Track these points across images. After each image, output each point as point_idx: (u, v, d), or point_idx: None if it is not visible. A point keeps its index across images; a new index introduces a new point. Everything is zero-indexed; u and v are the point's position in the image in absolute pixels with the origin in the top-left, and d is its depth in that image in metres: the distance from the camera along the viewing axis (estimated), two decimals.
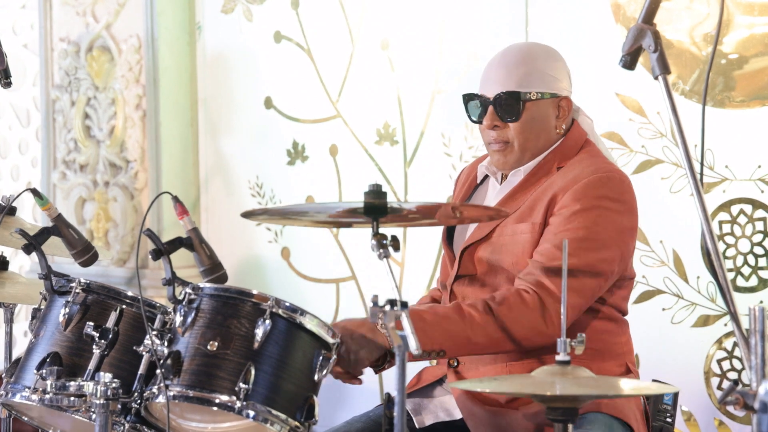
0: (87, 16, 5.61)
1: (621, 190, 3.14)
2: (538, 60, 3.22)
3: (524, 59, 3.21)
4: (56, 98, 5.72)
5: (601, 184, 3.12)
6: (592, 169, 3.15)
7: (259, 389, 2.80)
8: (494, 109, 3.19)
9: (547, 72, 3.21)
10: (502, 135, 3.20)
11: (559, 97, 3.21)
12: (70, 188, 5.70)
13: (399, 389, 2.43)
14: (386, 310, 2.48)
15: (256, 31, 5.26)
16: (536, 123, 3.20)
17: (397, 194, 4.86)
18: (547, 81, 3.20)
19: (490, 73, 3.23)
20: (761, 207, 4.01)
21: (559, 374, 2.59)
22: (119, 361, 3.00)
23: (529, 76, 3.19)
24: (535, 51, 3.26)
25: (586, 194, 3.10)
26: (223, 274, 3.08)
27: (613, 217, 3.11)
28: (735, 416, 4.06)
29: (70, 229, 3.30)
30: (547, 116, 3.21)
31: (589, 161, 3.19)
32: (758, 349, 2.23)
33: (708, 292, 4.10)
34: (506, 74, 3.19)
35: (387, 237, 2.66)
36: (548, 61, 3.23)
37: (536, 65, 3.20)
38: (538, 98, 3.19)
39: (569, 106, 3.24)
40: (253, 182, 5.29)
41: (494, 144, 3.22)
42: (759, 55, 3.97)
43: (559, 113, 3.22)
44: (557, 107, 3.22)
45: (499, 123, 3.20)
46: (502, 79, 3.19)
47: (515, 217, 3.17)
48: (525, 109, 3.18)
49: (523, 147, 3.20)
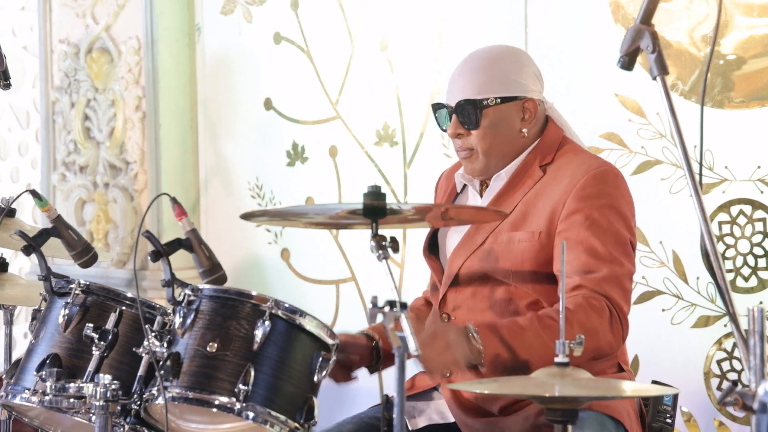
0: (86, 17, 5.61)
1: (618, 183, 3.15)
2: (500, 64, 3.20)
3: (485, 65, 3.19)
4: (56, 100, 5.72)
5: (601, 180, 3.12)
6: (584, 167, 3.14)
7: (258, 390, 2.81)
8: (456, 118, 3.19)
9: (509, 75, 3.18)
10: (466, 143, 3.20)
11: (523, 99, 3.19)
12: (69, 190, 5.70)
13: (398, 391, 2.43)
14: (385, 311, 2.48)
15: (255, 33, 5.26)
16: (498, 128, 3.18)
17: (396, 195, 4.86)
18: (508, 84, 3.18)
19: (453, 81, 3.23)
20: (761, 208, 4.01)
21: (559, 376, 2.59)
22: (119, 362, 3.01)
23: (489, 82, 3.17)
24: (498, 55, 3.23)
25: (591, 194, 3.09)
26: (222, 276, 3.08)
27: (621, 212, 3.11)
28: (735, 417, 4.06)
29: (70, 231, 3.30)
30: (510, 120, 3.19)
31: (578, 160, 3.18)
32: (757, 349, 2.23)
33: (708, 293, 4.10)
34: (467, 81, 3.19)
35: (386, 238, 2.67)
36: (511, 64, 3.20)
37: (498, 69, 3.18)
38: (497, 103, 3.17)
39: (535, 108, 3.21)
40: (253, 183, 5.29)
41: (461, 152, 3.22)
42: (758, 55, 3.97)
43: (524, 115, 3.20)
44: (522, 109, 3.20)
45: (461, 131, 3.19)
46: (463, 86, 3.19)
47: (509, 224, 3.15)
48: (483, 116, 3.16)
49: (487, 153, 3.19)
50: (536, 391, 2.55)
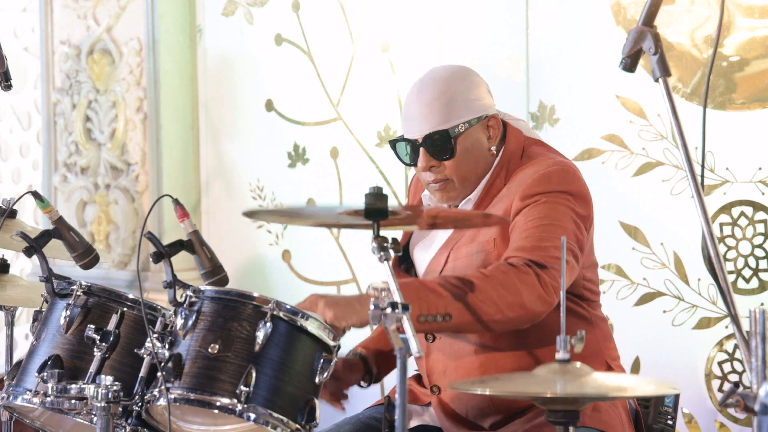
0: (88, 19, 5.61)
1: (567, 180, 3.08)
2: (454, 86, 3.12)
3: (442, 90, 3.11)
4: (57, 101, 5.72)
5: (545, 179, 3.06)
6: (534, 169, 3.09)
7: (260, 392, 2.81)
8: (426, 151, 3.11)
9: (467, 96, 3.12)
10: (439, 174, 3.13)
11: (486, 117, 3.14)
12: (71, 191, 5.70)
13: (400, 392, 2.43)
14: (387, 312, 2.48)
15: (256, 34, 5.26)
16: (471, 153, 3.12)
17: (398, 197, 4.86)
18: (469, 106, 3.12)
19: (411, 112, 3.13)
20: (762, 209, 4.01)
21: (560, 373, 2.58)
22: (120, 363, 3.01)
23: (452, 108, 3.09)
24: (449, 77, 3.14)
25: (537, 190, 3.04)
26: (224, 277, 3.08)
27: (568, 204, 3.04)
28: (736, 418, 4.06)
29: (71, 232, 3.30)
30: (480, 142, 3.14)
31: (532, 165, 3.12)
32: (759, 351, 2.23)
33: (709, 295, 4.10)
34: (429, 111, 3.10)
35: (388, 239, 2.67)
36: (465, 84, 3.13)
37: (455, 93, 3.11)
38: (466, 128, 3.11)
39: (498, 123, 3.16)
40: (254, 185, 5.29)
41: (433, 184, 3.15)
42: (760, 57, 3.97)
43: (489, 134, 3.15)
44: (486, 128, 3.15)
45: (434, 163, 3.12)
46: (426, 117, 3.10)
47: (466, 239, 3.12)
48: (457, 144, 3.10)
49: (464, 179, 3.14)
50: (539, 389, 2.53)
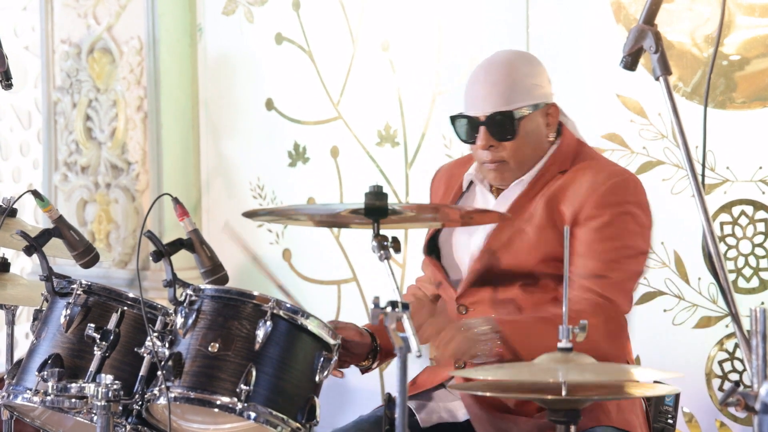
0: (88, 18, 5.61)
1: (638, 192, 3.17)
2: (521, 70, 3.17)
3: (509, 73, 3.16)
4: (57, 100, 5.72)
5: (621, 188, 3.14)
6: (605, 174, 3.16)
7: (260, 390, 2.81)
8: (487, 130, 3.15)
9: (532, 82, 3.17)
10: (497, 154, 3.17)
11: (547, 105, 3.19)
12: (71, 190, 5.70)
13: (400, 390, 2.42)
14: (388, 311, 2.48)
15: (257, 33, 5.26)
16: (531, 137, 3.17)
17: (398, 195, 4.86)
18: (533, 91, 3.17)
19: (476, 91, 3.18)
20: (762, 208, 4.01)
21: (563, 361, 2.59)
22: (120, 362, 3.01)
23: (516, 91, 3.14)
24: (516, 62, 3.21)
25: (610, 202, 3.11)
26: (224, 276, 3.08)
27: (638, 220, 3.14)
28: (736, 417, 4.06)
29: (72, 231, 3.30)
30: (539, 127, 3.19)
31: (598, 166, 3.19)
32: (759, 350, 2.23)
33: (709, 294, 4.10)
34: (494, 92, 3.15)
35: (388, 238, 2.67)
36: (531, 70, 3.19)
37: (521, 77, 3.16)
38: (529, 113, 3.16)
39: (557, 112, 3.22)
40: (255, 184, 5.29)
41: (489, 164, 3.19)
42: (760, 56, 3.97)
43: (548, 121, 3.20)
44: (546, 115, 3.19)
45: (494, 143, 3.16)
46: (491, 97, 3.15)
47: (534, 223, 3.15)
48: (519, 126, 3.14)
49: (521, 162, 3.18)
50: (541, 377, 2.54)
